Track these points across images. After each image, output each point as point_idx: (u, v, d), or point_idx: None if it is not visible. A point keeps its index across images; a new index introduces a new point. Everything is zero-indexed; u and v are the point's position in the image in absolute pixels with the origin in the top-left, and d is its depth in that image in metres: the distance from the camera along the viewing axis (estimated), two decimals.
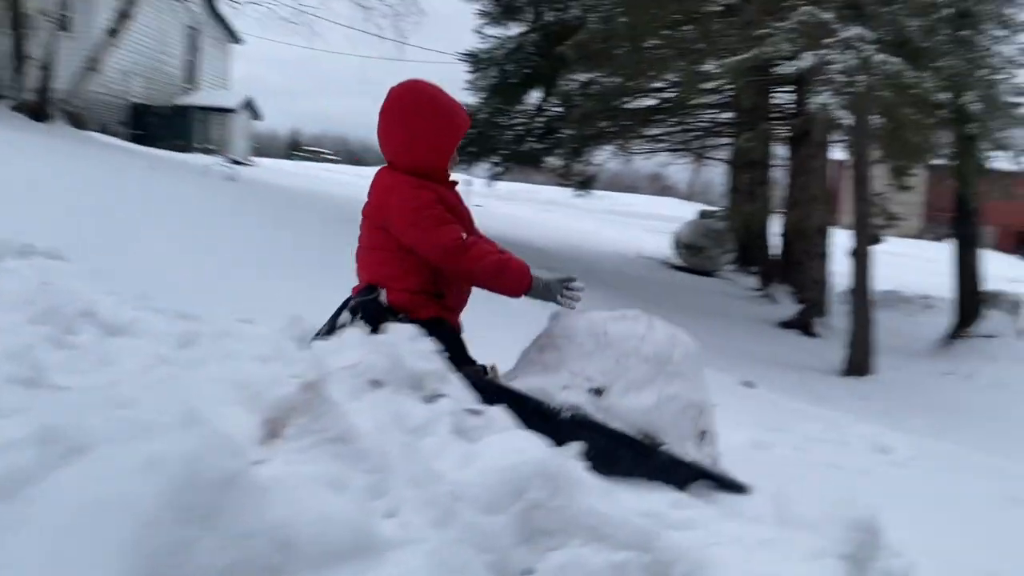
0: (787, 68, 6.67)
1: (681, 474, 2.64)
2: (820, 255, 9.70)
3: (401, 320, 2.57)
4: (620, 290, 10.23)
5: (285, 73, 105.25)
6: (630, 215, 28.11)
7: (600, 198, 30.58)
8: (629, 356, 2.70)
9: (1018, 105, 8.68)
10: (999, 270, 22.93)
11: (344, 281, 2.92)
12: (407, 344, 2.29)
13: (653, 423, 2.64)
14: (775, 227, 12.90)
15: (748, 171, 13.46)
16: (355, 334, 2.34)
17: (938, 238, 26.14)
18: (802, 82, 9.02)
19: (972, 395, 7.08)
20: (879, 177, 11.91)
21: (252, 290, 5.12)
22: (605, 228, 21.62)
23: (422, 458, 1.63)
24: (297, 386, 1.50)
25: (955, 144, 8.49)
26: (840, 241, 10.00)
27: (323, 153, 44.63)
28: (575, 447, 1.91)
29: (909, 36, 6.27)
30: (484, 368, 2.78)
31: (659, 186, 45.28)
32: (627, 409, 2.63)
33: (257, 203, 10.22)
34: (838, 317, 8.74)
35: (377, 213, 2.72)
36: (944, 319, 9.83)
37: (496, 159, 13.09)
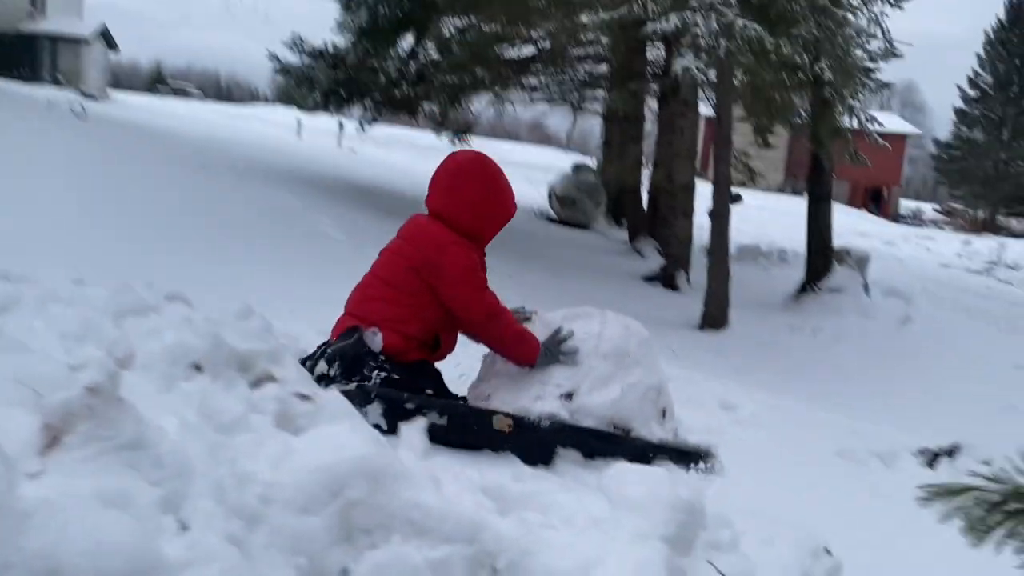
0: (655, 27, 6.70)
1: (652, 456, 2.90)
2: (685, 212, 9.97)
3: (383, 363, 2.76)
4: (493, 244, 10.20)
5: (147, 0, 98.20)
6: (509, 164, 27.80)
7: (479, 146, 30.45)
8: (590, 356, 2.95)
9: (870, 71, 9.11)
10: (850, 224, 24.43)
11: (206, 241, 2.77)
12: (232, 322, 2.16)
13: (620, 413, 2.90)
14: (646, 182, 13.17)
15: (621, 126, 13.62)
16: (175, 311, 2.19)
17: (798, 192, 27.43)
18: (669, 42, 9.14)
19: (816, 349, 7.50)
20: (743, 134, 12.36)
21: (87, 246, 4.77)
22: None
23: (232, 459, 1.54)
24: (82, 387, 1.36)
25: (812, 107, 8.83)
26: (707, 197, 10.34)
27: (188, 89, 42.19)
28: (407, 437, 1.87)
29: (769, 1, 6.42)
30: (464, 399, 3.00)
31: (539, 135, 45.38)
32: (596, 406, 2.88)
33: (107, 144, 9.54)
34: (701, 272, 9.02)
35: (417, 254, 2.85)
36: (798, 273, 10.32)
37: (368, 104, 12.70)
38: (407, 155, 23.99)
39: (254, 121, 26.28)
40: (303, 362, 2.83)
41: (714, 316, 7.62)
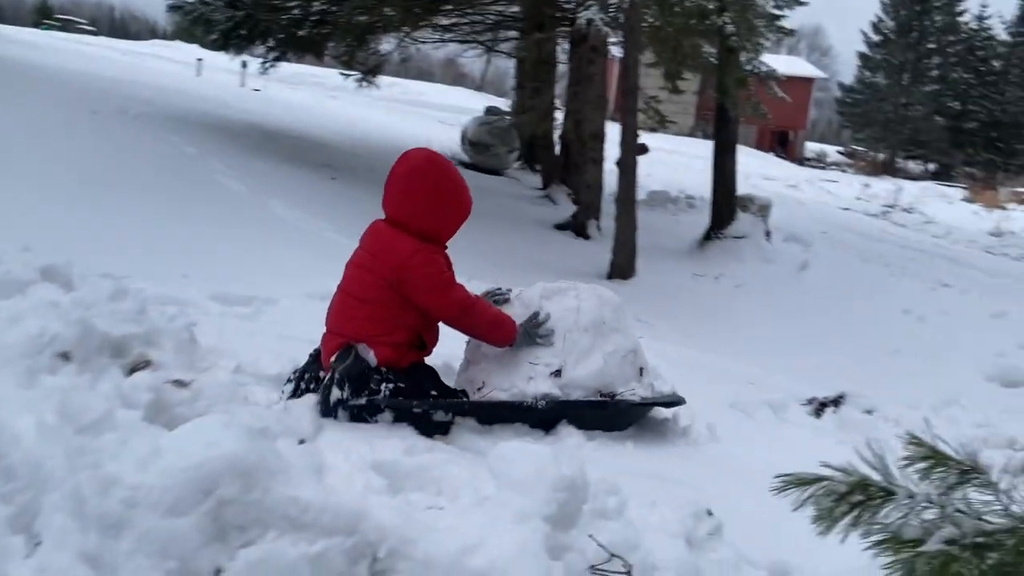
0: None
1: (637, 413, 3.34)
2: (595, 160, 10.00)
3: (386, 374, 2.92)
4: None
5: None
6: (422, 105, 27.56)
7: (390, 86, 29.68)
8: (572, 331, 3.18)
9: (776, 18, 9.24)
10: (757, 168, 25.05)
11: (92, 195, 2.62)
12: (104, 305, 2.07)
13: (605, 380, 3.16)
14: (560, 127, 13.13)
15: (534, 69, 13.48)
16: (40, 293, 2.08)
17: (709, 136, 27.83)
18: None
19: (719, 296, 7.73)
20: (654, 77, 12.41)
21: None
22: (395, 118, 21.06)
23: (94, 463, 1.48)
24: None
25: (718, 55, 8.92)
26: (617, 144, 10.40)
27: (79, 23, 39.61)
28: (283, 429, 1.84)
29: None
30: (465, 392, 3.17)
31: (453, 74, 44.59)
32: (583, 377, 3.13)
33: None
34: (612, 220, 9.11)
35: (385, 269, 2.93)
36: (705, 219, 10.53)
37: (271, 44, 12.19)
38: (315, 95, 23.25)
39: (151, 59, 24.91)
40: (298, 379, 3.02)
41: (622, 266, 7.75)
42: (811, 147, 43.82)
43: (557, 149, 13.29)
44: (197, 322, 3.27)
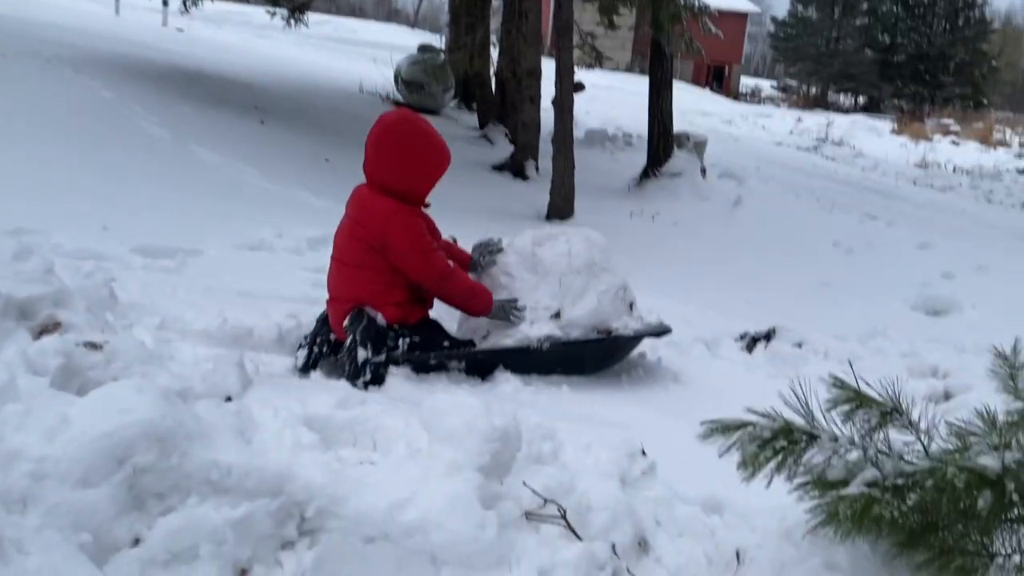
0: None
1: (631, 345, 3.58)
2: (532, 99, 9.86)
3: (399, 330, 3.07)
4: (338, 133, 9.79)
5: None
6: (354, 43, 26.71)
7: (321, 23, 28.71)
8: (566, 274, 3.39)
9: None
10: (693, 104, 25.12)
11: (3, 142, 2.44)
12: (7, 266, 1.95)
13: (600, 318, 3.37)
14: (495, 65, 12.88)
15: (467, 4, 13.15)
16: None
17: (646, 72, 27.73)
18: None
19: (656, 235, 7.76)
20: (590, 13, 12.24)
21: None
22: (326, 57, 20.42)
23: None
24: None
25: None
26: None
27: None
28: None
29: None
30: (472, 342, 3.29)
31: (386, 10, 43.36)
32: (580, 317, 3.33)
33: None
34: (550, 159, 9.04)
35: (367, 234, 3.05)
36: (643, 157, 10.52)
37: None
38: (242, 34, 22.35)
39: None
40: (311, 344, 3.14)
41: (559, 207, 7.71)
42: (746, 82, 44.11)
43: (494, 88, 13.07)
44: (117, 278, 3.15)
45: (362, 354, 2.96)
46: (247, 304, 3.41)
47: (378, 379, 2.98)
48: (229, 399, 2.31)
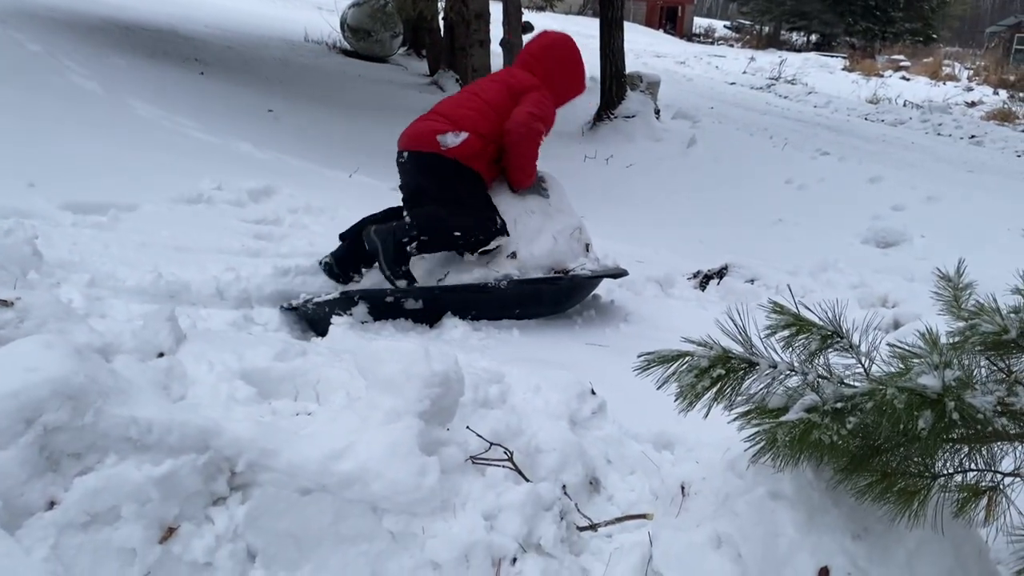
0: None
1: (589, 286, 3.61)
2: (481, 42, 9.64)
3: (456, 163, 3.34)
4: (282, 84, 9.50)
5: None
6: None
7: None
8: (520, 216, 3.45)
9: None
10: (646, 45, 24.89)
11: None
12: None
13: (556, 258, 3.43)
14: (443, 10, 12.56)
15: None
16: None
17: (598, 14, 27.37)
18: None
19: (610, 177, 7.69)
20: None
21: None
22: (268, 6, 19.76)
23: None
24: None
25: None
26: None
27: None
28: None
29: None
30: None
31: None
32: (537, 256, 3.39)
33: None
34: None
35: (520, 86, 3.50)
36: (596, 99, 10.39)
37: None
38: None
39: None
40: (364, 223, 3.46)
41: None
42: (699, 23, 43.80)
43: (443, 32, 12.76)
44: (41, 235, 3.00)
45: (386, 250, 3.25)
46: (184, 259, 3.28)
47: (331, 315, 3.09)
48: (161, 355, 2.22)
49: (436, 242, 3.33)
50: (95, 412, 1.43)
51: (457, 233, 3.31)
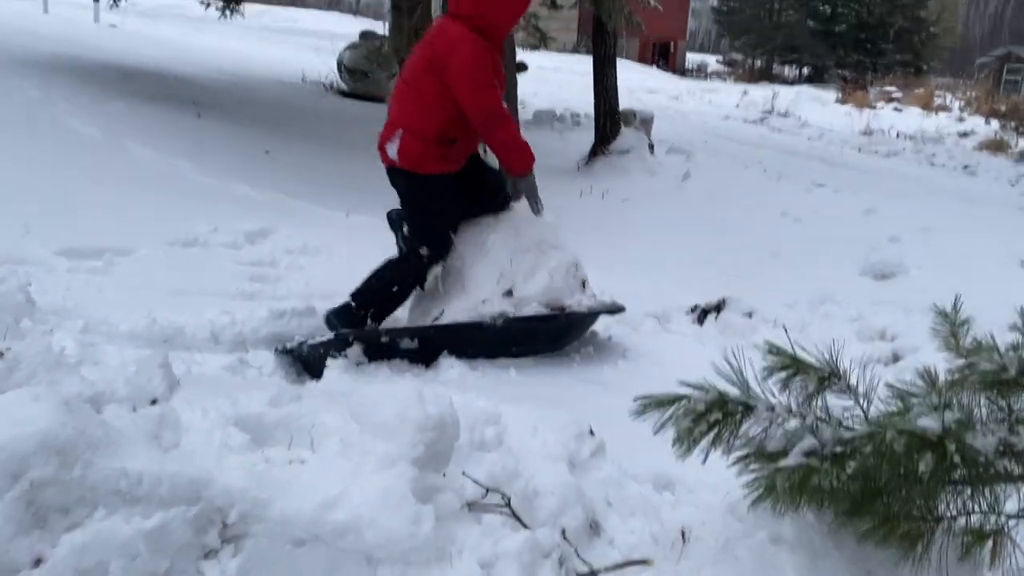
0: None
1: (586, 322, 3.57)
2: None
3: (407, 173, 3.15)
4: (280, 125, 9.57)
5: None
6: (296, 32, 26.24)
7: (261, 14, 28.12)
8: (517, 253, 3.39)
9: None
10: (640, 81, 25.13)
11: None
12: None
13: (552, 294, 3.37)
14: None
15: None
16: None
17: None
18: None
19: (606, 212, 7.71)
20: None
21: None
22: (266, 48, 19.99)
23: None
24: None
25: None
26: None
27: None
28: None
29: None
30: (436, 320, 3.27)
31: None
32: (533, 294, 3.33)
33: None
34: None
35: (431, 52, 3.09)
36: (591, 136, 10.47)
37: None
38: (179, 27, 21.77)
39: None
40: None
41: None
42: (692, 58, 44.33)
43: None
44: (35, 281, 2.99)
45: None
46: (179, 303, 3.27)
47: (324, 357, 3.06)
48: (155, 402, 2.20)
49: (385, 306, 3.33)
50: (83, 465, 1.41)
51: (395, 286, 3.32)
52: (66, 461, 1.40)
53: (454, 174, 3.24)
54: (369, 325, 3.23)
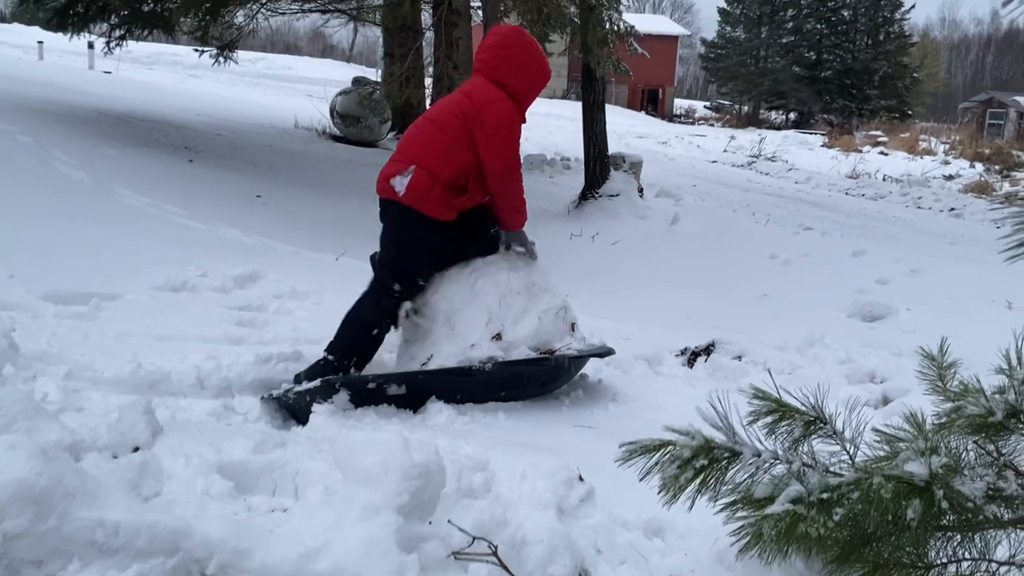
0: None
1: (575, 366, 3.54)
2: None
3: (408, 210, 3.22)
4: (271, 170, 9.61)
5: None
6: (289, 79, 26.53)
7: (255, 61, 28.45)
8: (506, 296, 3.39)
9: None
10: (629, 127, 25.46)
11: None
12: None
13: (542, 338, 3.36)
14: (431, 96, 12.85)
15: (400, 36, 13.14)
16: None
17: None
18: None
19: (596, 255, 7.74)
20: None
21: None
22: (259, 94, 20.19)
23: None
24: None
25: (579, 15, 8.88)
26: None
27: None
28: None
29: None
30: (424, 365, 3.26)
31: (321, 47, 43.24)
32: (522, 338, 3.32)
33: None
34: None
35: (469, 101, 3.30)
36: (581, 180, 10.56)
37: (114, 20, 11.34)
38: (173, 74, 22.01)
39: None
40: None
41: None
42: (680, 104, 44.96)
43: None
44: (19, 327, 2.97)
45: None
46: (164, 348, 3.24)
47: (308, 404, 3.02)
48: (137, 449, 2.17)
49: (355, 346, 3.34)
50: (59, 516, 1.38)
51: (371, 328, 3.34)
52: (41, 511, 1.37)
53: (448, 224, 3.30)
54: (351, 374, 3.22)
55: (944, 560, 1.23)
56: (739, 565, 1.38)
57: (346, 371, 3.20)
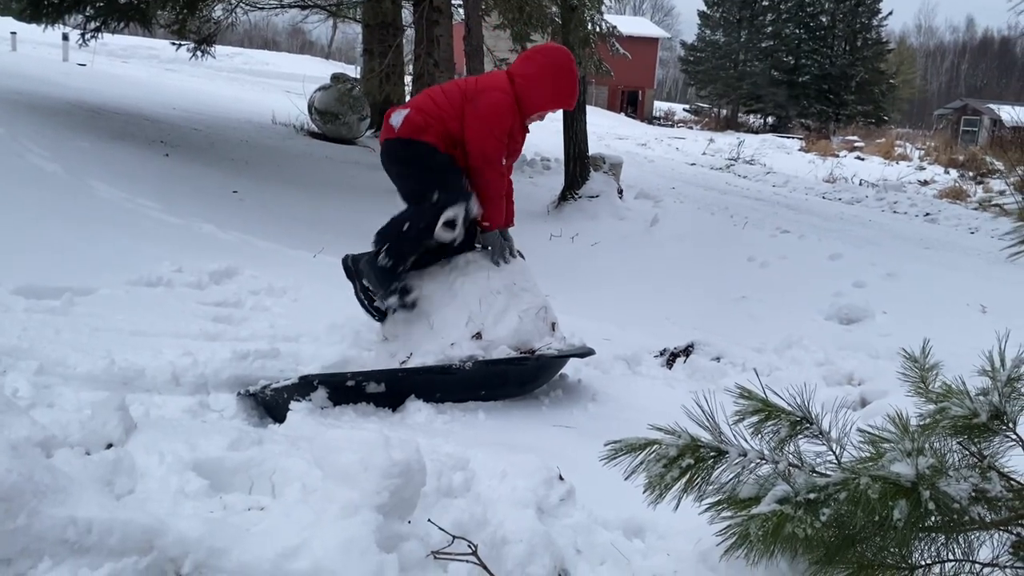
0: None
1: (556, 366, 3.54)
2: None
3: (405, 140, 3.31)
4: (248, 166, 9.52)
5: None
6: (267, 75, 26.32)
7: (233, 56, 28.20)
8: (486, 295, 3.40)
9: None
10: (609, 128, 25.52)
11: None
12: None
13: (522, 337, 3.35)
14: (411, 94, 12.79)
15: (379, 33, 13.07)
16: None
17: None
18: None
19: (575, 256, 7.74)
20: (504, 40, 12.28)
21: None
22: (237, 89, 20.00)
23: None
24: None
25: (561, 15, 8.87)
26: None
27: None
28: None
29: None
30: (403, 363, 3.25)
31: (300, 42, 42.96)
32: (502, 337, 3.31)
33: None
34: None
35: (474, 87, 3.38)
36: (561, 180, 10.55)
37: (89, 12, 11.17)
38: (149, 68, 21.77)
39: None
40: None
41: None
42: (659, 106, 45.20)
43: None
44: None
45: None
46: (139, 344, 3.19)
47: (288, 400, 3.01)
48: (110, 446, 2.12)
49: (399, 247, 3.36)
50: (29, 513, 1.34)
51: (406, 224, 3.33)
52: (10, 509, 1.33)
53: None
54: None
55: (928, 561, 1.23)
56: (723, 565, 1.37)
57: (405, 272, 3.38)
